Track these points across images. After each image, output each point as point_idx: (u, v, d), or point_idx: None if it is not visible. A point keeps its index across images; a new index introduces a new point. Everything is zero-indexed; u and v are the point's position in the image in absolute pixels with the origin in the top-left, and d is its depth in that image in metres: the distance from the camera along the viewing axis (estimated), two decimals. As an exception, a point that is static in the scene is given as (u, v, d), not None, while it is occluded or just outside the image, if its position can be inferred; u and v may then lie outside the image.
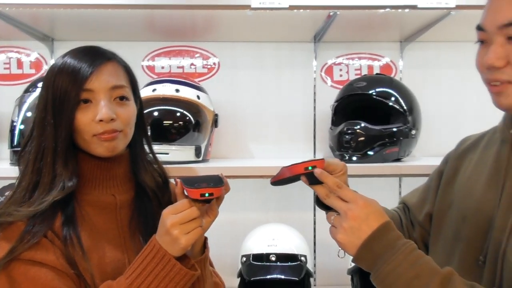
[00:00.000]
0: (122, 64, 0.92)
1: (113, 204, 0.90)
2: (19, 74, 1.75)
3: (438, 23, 1.49)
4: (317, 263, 1.83)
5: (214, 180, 0.82)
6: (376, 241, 0.72)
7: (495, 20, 0.73)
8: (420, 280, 0.68)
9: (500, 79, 0.73)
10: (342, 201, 0.76)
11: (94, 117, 0.84)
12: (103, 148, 0.86)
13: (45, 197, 0.81)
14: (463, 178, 0.90)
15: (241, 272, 1.42)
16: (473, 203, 0.84)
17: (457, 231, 0.86)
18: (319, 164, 0.80)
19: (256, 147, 1.82)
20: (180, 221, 0.77)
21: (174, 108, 1.45)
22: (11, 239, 0.77)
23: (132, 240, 0.90)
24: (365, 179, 1.76)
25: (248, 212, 1.82)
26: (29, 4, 1.31)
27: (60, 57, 0.88)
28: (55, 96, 0.83)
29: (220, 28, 1.63)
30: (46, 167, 0.84)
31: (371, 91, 1.48)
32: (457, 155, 0.95)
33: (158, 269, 0.76)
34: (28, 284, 0.76)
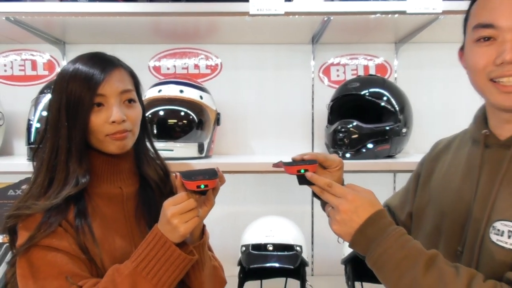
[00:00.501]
0: (128, 70, 1.01)
1: (120, 196, 0.99)
2: (34, 75, 1.85)
3: (429, 26, 1.56)
4: (315, 254, 1.92)
5: (209, 173, 0.90)
6: (370, 227, 0.80)
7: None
8: (408, 260, 0.75)
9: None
10: (334, 197, 0.83)
11: (107, 119, 0.93)
12: (115, 146, 0.95)
13: (60, 192, 0.90)
14: (439, 177, 0.97)
15: (240, 260, 1.51)
16: (450, 198, 0.90)
17: (437, 226, 0.93)
18: (311, 168, 0.87)
19: (256, 144, 1.91)
20: (179, 212, 0.85)
21: (178, 108, 1.53)
22: (30, 229, 0.87)
23: (137, 227, 0.99)
24: (361, 175, 1.83)
25: (249, 206, 1.91)
26: (43, 12, 1.40)
27: (70, 64, 0.96)
28: (69, 100, 0.91)
29: (222, 32, 1.71)
30: (60, 165, 0.92)
31: (364, 91, 1.56)
32: (432, 158, 1.02)
33: (160, 254, 0.85)
34: (45, 267, 0.85)
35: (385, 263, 0.77)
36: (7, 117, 1.77)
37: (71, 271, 0.86)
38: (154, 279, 0.84)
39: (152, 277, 0.84)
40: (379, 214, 0.81)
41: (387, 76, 1.89)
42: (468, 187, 0.87)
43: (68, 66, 0.95)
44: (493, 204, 0.80)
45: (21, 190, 1.73)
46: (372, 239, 0.79)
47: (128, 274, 0.84)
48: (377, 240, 0.79)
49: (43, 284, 0.85)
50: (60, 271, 0.85)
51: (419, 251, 0.76)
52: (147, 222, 0.99)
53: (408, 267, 0.75)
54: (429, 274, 0.73)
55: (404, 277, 0.75)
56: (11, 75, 1.85)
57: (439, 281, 0.72)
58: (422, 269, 0.73)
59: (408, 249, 0.77)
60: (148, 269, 0.84)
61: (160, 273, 0.85)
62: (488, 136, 0.86)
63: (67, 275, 0.85)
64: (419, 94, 1.85)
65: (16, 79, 1.85)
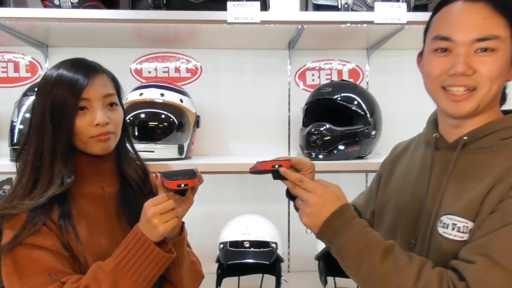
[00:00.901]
0: (110, 75, 1.07)
1: (102, 195, 1.04)
2: (16, 77, 1.88)
3: (396, 34, 1.66)
4: (291, 251, 2.00)
5: (189, 173, 0.97)
6: (336, 219, 0.86)
7: (468, 34, 0.83)
8: (368, 250, 0.82)
9: (468, 85, 0.84)
10: (305, 191, 0.90)
11: (91, 122, 0.98)
12: (99, 147, 1.00)
13: (45, 192, 0.94)
14: (397, 178, 1.05)
15: (219, 257, 1.58)
16: (406, 196, 0.99)
17: (394, 221, 1.01)
18: (285, 164, 0.95)
19: (235, 145, 1.97)
20: (159, 212, 0.90)
21: (159, 111, 1.59)
22: (15, 228, 0.91)
23: (119, 225, 1.04)
24: (335, 175, 1.92)
25: (228, 205, 1.98)
26: (27, 18, 1.44)
27: (53, 69, 1.00)
28: (54, 104, 0.95)
29: (202, 37, 1.77)
30: (45, 166, 0.96)
31: (336, 96, 1.65)
32: (392, 159, 1.11)
33: (140, 252, 0.89)
34: (29, 264, 0.89)
35: (348, 252, 0.84)
36: (-11, 118, 1.80)
37: (54, 268, 0.90)
38: (134, 275, 0.89)
39: (132, 274, 0.88)
40: (345, 208, 0.88)
41: (359, 81, 1.99)
42: (421, 186, 0.95)
43: (52, 71, 1.00)
44: (441, 200, 0.88)
45: (2, 190, 1.76)
46: (337, 230, 0.86)
47: (109, 271, 0.89)
48: (342, 231, 0.85)
49: (27, 280, 0.88)
50: (43, 268, 0.89)
51: (378, 242, 0.84)
52: (128, 220, 1.04)
53: (367, 255, 0.82)
54: (385, 262, 0.80)
55: (363, 264, 0.82)
56: (-7, 77, 1.88)
57: (394, 268, 0.79)
58: (380, 257, 0.81)
59: (369, 239, 0.84)
60: (129, 266, 0.89)
61: (140, 270, 0.89)
62: (438, 139, 0.95)
63: (51, 272, 0.89)
64: (389, 98, 1.94)
65: (-2, 81, 1.88)
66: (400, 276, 0.78)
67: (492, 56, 0.83)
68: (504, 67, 0.84)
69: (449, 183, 0.89)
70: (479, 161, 0.86)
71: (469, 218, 0.82)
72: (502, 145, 0.85)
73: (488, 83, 0.83)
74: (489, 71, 0.83)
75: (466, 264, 0.77)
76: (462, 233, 0.82)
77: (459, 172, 0.88)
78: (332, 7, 1.57)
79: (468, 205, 0.83)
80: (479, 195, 0.82)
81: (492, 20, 0.83)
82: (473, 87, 0.84)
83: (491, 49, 0.82)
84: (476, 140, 0.88)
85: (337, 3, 1.56)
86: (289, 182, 0.93)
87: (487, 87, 0.83)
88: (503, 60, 0.83)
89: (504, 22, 0.83)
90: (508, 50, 0.84)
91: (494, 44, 0.82)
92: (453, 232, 0.84)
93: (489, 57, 0.83)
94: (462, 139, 0.88)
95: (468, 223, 0.82)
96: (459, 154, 0.89)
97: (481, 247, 0.77)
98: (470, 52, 0.83)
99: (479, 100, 0.85)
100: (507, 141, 0.85)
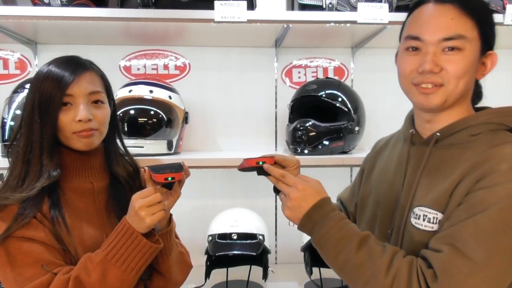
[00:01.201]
0: (99, 73, 1.09)
1: (91, 190, 1.07)
2: (5, 74, 1.90)
3: (379, 34, 1.71)
4: (278, 244, 2.06)
5: (175, 166, 1.00)
6: (315, 212, 0.91)
7: (436, 34, 0.87)
8: (345, 240, 0.87)
9: (435, 82, 0.89)
10: (287, 186, 0.95)
11: (74, 118, 1.00)
12: (82, 143, 1.03)
13: (35, 184, 0.97)
14: (377, 172, 1.11)
15: (207, 249, 1.63)
16: (384, 189, 1.04)
17: (374, 213, 1.06)
18: (269, 160, 0.99)
19: (223, 141, 2.02)
20: (146, 204, 0.93)
21: (148, 107, 1.62)
22: (7, 220, 0.93)
23: (108, 219, 1.07)
24: (320, 170, 1.98)
25: (216, 199, 2.03)
26: (16, 16, 1.46)
27: (45, 65, 1.03)
28: (41, 99, 0.99)
29: (190, 35, 1.81)
30: (35, 159, 0.99)
31: (321, 93, 1.70)
32: (373, 154, 1.17)
33: (128, 243, 0.93)
34: (22, 256, 0.92)
35: (326, 242, 0.89)
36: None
37: (46, 259, 0.93)
38: (122, 266, 0.92)
39: (121, 264, 0.92)
40: (324, 202, 0.93)
41: (344, 78, 2.04)
42: (398, 179, 1.00)
43: (43, 68, 1.03)
44: (414, 193, 0.93)
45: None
46: (316, 222, 0.91)
47: (99, 261, 0.92)
48: (320, 223, 0.90)
49: (20, 271, 0.91)
50: (35, 259, 0.92)
51: (354, 233, 0.89)
52: (117, 214, 1.07)
53: (344, 245, 0.87)
54: (360, 252, 0.85)
55: (340, 254, 0.87)
56: (-18, 74, 1.89)
57: (368, 257, 0.84)
58: (355, 247, 0.86)
59: (346, 230, 0.89)
60: (118, 256, 0.92)
61: (128, 260, 0.92)
62: (414, 135, 1.00)
63: (43, 263, 0.92)
64: (373, 95, 2.01)
65: (-12, 78, 1.89)
66: (373, 265, 0.83)
67: (458, 55, 0.87)
68: (470, 66, 0.88)
69: (422, 177, 0.94)
70: (449, 156, 0.91)
71: (438, 210, 0.87)
72: (471, 141, 0.89)
73: (454, 80, 0.88)
74: (455, 69, 0.87)
75: (433, 253, 0.82)
76: (432, 223, 0.87)
77: (431, 166, 0.93)
78: (317, 7, 1.61)
79: (438, 198, 0.87)
80: (447, 189, 0.86)
81: (459, 21, 0.87)
82: (440, 83, 0.89)
83: (457, 48, 0.87)
84: (447, 136, 0.92)
85: (322, 3, 1.60)
86: (272, 178, 0.98)
87: (453, 84, 0.88)
88: (470, 59, 0.88)
89: (471, 24, 0.87)
90: (475, 50, 0.88)
91: (460, 44, 0.87)
92: (424, 223, 0.89)
93: (455, 56, 0.87)
94: (435, 135, 0.93)
95: (437, 214, 0.87)
96: (432, 149, 0.94)
97: (447, 237, 0.81)
98: (437, 51, 0.88)
99: (446, 95, 0.89)
100: (476, 137, 0.89)
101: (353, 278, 0.86)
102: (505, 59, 1.00)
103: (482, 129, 0.89)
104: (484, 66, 0.92)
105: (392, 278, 0.81)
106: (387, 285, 0.81)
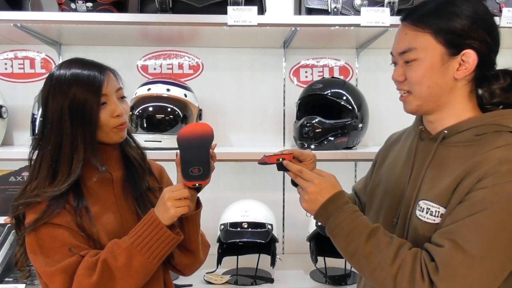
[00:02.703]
0: (114, 71, 1.15)
1: (110, 179, 1.13)
2: (32, 73, 2.03)
3: (382, 35, 1.81)
4: (285, 234, 2.16)
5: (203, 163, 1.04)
6: (330, 205, 0.98)
7: (396, 48, 0.99)
8: (355, 232, 0.94)
9: (403, 89, 1.00)
10: (304, 180, 1.01)
11: (112, 114, 1.08)
12: (118, 136, 1.11)
13: (65, 182, 1.02)
14: (388, 164, 1.16)
15: (219, 237, 1.75)
16: (392, 180, 1.09)
17: (381, 202, 1.12)
18: (288, 157, 1.08)
19: (234, 137, 2.12)
20: (174, 197, 1.00)
21: (165, 105, 1.74)
22: (38, 211, 1.00)
23: (126, 203, 1.14)
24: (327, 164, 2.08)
25: (227, 192, 2.13)
26: (42, 20, 1.59)
27: (62, 69, 1.06)
28: (74, 103, 1.03)
29: (203, 37, 1.91)
30: (64, 159, 1.03)
31: (326, 91, 1.80)
32: (386, 148, 1.23)
33: (153, 233, 0.99)
34: (50, 241, 1.00)
35: (339, 233, 0.97)
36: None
37: (73, 243, 1.00)
38: (147, 253, 0.99)
39: (145, 252, 0.99)
40: (338, 195, 1.00)
41: (349, 77, 2.14)
42: (405, 172, 1.05)
43: (63, 71, 1.06)
44: (420, 186, 0.99)
45: (21, 177, 1.92)
46: (330, 214, 0.98)
47: (125, 247, 0.99)
48: (334, 215, 0.98)
49: (49, 254, 0.99)
50: (63, 243, 0.99)
51: (365, 225, 0.95)
52: (134, 197, 1.14)
53: (355, 236, 0.94)
54: (369, 243, 0.92)
55: (351, 244, 0.94)
56: (11, 73, 2.02)
57: (377, 248, 0.91)
58: (365, 238, 0.93)
59: (357, 222, 0.96)
60: (143, 244, 0.99)
61: (152, 249, 0.99)
62: (423, 131, 1.05)
63: (70, 246, 0.99)
64: (376, 93, 2.10)
65: (16, 77, 2.03)
66: (380, 254, 0.90)
67: (414, 65, 0.96)
68: (428, 71, 0.95)
69: (428, 171, 0.99)
70: (454, 153, 0.95)
71: (440, 204, 0.92)
72: (476, 141, 0.93)
73: (416, 86, 0.97)
74: (413, 77, 0.96)
75: (435, 247, 0.87)
76: (434, 216, 0.93)
77: (436, 162, 0.98)
78: (323, 11, 1.72)
79: (440, 193, 0.92)
80: (450, 185, 0.91)
81: (411, 34, 0.96)
82: (407, 90, 0.99)
83: (412, 59, 0.95)
84: (454, 134, 0.97)
85: (327, 7, 1.71)
86: (291, 173, 1.06)
87: (417, 89, 0.97)
88: (426, 65, 0.94)
89: (426, 34, 0.94)
90: (432, 56, 0.94)
91: (413, 55, 0.95)
92: (427, 215, 0.95)
93: (412, 66, 0.96)
94: (442, 132, 0.98)
95: (440, 208, 0.92)
96: (439, 146, 0.99)
97: (449, 233, 0.87)
98: (402, 63, 0.98)
99: (416, 100, 0.98)
100: (481, 137, 0.93)
101: (361, 266, 0.94)
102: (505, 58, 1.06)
103: (487, 130, 0.93)
104: (465, 63, 0.94)
105: (397, 267, 0.88)
106: (392, 273, 0.88)
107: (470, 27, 0.93)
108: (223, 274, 1.80)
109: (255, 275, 1.77)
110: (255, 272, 1.79)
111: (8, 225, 1.78)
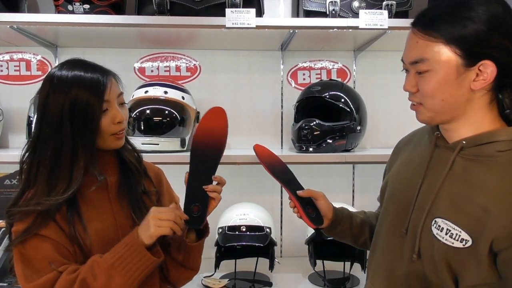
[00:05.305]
0: (116, 76, 1.12)
1: (105, 184, 1.10)
2: (28, 75, 2.01)
3: (380, 38, 1.80)
4: (283, 238, 2.15)
5: (203, 201, 1.12)
6: None
7: (408, 57, 0.92)
8: None
9: (414, 101, 0.93)
10: None
11: (112, 120, 1.05)
12: (117, 143, 1.09)
13: (66, 189, 1.00)
14: (396, 166, 1.10)
15: (217, 241, 1.73)
16: (400, 185, 1.03)
17: (386, 207, 1.07)
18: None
19: (232, 139, 2.09)
20: (158, 217, 1.00)
21: (162, 107, 1.73)
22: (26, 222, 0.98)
23: (121, 208, 1.11)
24: (324, 167, 2.08)
25: (225, 195, 2.06)
26: (38, 22, 1.57)
27: (64, 70, 1.02)
28: (75, 105, 0.99)
29: (201, 40, 1.91)
30: (65, 165, 1.00)
31: (324, 94, 1.80)
32: (397, 150, 1.17)
33: (134, 254, 0.98)
34: (32, 252, 0.97)
35: None
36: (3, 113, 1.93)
37: (54, 257, 0.98)
38: (127, 274, 0.97)
39: (125, 273, 0.97)
40: None
41: (346, 80, 2.14)
42: (416, 179, 0.98)
43: (64, 72, 1.02)
44: (435, 199, 0.92)
45: (16, 180, 1.89)
46: None
47: (106, 268, 0.97)
48: None
49: (29, 265, 0.97)
50: (44, 256, 0.97)
51: None
52: (129, 201, 1.12)
53: None
54: None
55: None
56: (6, 75, 2.00)
57: None
58: None
59: None
60: (123, 265, 0.97)
61: (132, 270, 0.97)
62: (439, 138, 0.97)
63: (50, 261, 0.97)
64: (374, 95, 2.10)
65: (11, 79, 2.01)
66: None
67: (426, 76, 0.89)
68: (442, 84, 0.88)
69: (445, 184, 0.92)
70: (475, 170, 0.88)
71: (462, 229, 0.86)
72: (497, 157, 0.86)
73: (428, 99, 0.90)
74: (426, 89, 0.90)
75: None
76: (453, 239, 0.87)
77: (455, 176, 0.91)
78: (321, 13, 1.72)
79: (463, 217, 0.87)
80: (477, 214, 0.85)
81: (422, 43, 0.88)
82: (418, 102, 0.93)
83: (425, 70, 0.88)
84: (473, 146, 0.90)
85: (326, 10, 1.71)
86: None
87: (429, 102, 0.90)
88: (439, 77, 0.87)
89: (438, 43, 0.87)
90: (447, 68, 0.87)
91: (425, 66, 0.88)
92: (446, 236, 0.88)
93: (424, 77, 0.89)
94: (460, 143, 0.91)
95: (461, 232, 0.86)
96: (457, 157, 0.91)
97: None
98: (414, 72, 0.92)
99: (427, 112, 0.92)
100: (503, 153, 0.86)
101: None
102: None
103: (510, 146, 0.87)
104: (482, 73, 0.86)
105: None
106: None
107: (487, 34, 0.84)
108: (221, 278, 1.78)
109: (254, 279, 1.76)
110: (253, 276, 1.78)
111: (2, 229, 1.75)
